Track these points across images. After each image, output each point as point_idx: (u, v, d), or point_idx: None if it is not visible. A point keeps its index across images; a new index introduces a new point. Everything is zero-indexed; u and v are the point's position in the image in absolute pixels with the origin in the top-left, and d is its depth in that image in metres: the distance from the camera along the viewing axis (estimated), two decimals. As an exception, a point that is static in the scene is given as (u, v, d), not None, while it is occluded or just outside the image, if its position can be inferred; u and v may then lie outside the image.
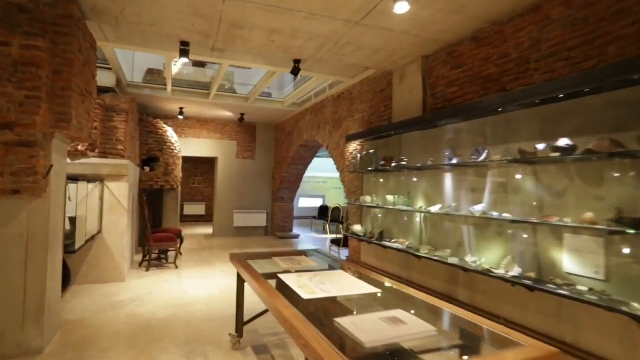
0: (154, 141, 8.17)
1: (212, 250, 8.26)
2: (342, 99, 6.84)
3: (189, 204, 13.75)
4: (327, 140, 7.34)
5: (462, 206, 3.90)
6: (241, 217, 10.42)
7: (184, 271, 6.18)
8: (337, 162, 6.88)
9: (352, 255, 6.22)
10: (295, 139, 9.20)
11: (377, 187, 5.45)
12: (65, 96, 3.08)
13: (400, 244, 4.64)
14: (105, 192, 5.22)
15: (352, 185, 6.25)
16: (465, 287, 3.87)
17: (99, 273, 5.18)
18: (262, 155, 10.81)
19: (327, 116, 7.41)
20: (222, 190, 10.33)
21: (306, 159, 9.80)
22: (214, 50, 5.02)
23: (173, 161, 8.45)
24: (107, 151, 5.29)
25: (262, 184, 10.79)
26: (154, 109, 9.09)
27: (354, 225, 5.87)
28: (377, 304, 2.33)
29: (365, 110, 6.01)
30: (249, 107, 8.72)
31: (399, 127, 4.71)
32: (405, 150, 4.86)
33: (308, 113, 8.46)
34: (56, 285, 3.48)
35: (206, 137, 10.24)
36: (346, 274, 2.91)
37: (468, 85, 4.04)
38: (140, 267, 6.33)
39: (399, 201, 4.80)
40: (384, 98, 5.51)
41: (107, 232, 5.23)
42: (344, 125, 6.67)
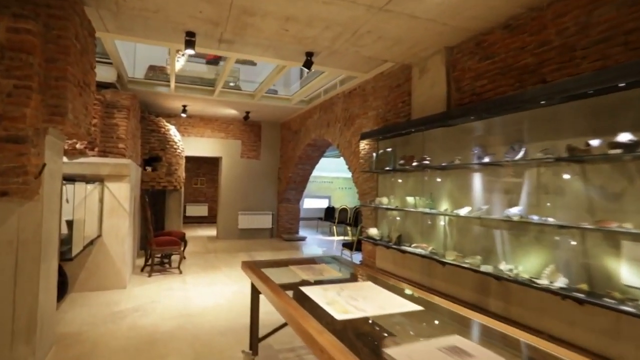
0: (156, 140, 7.84)
1: (216, 253, 7.94)
2: (354, 95, 6.51)
3: (191, 205, 13.43)
4: (338, 138, 7.01)
5: (495, 209, 3.57)
6: (246, 219, 10.10)
7: (189, 277, 5.85)
8: (349, 161, 6.55)
9: (366, 259, 5.89)
10: (303, 138, 8.87)
11: (395, 188, 5.12)
12: (60, 87, 2.76)
13: (423, 249, 4.31)
14: (105, 194, 4.90)
15: (366, 186, 5.92)
16: (498, 297, 3.53)
17: (98, 280, 4.86)
18: (267, 154, 10.49)
19: (338, 114, 7.08)
20: (227, 191, 10.00)
21: (313, 159, 9.48)
22: (222, 42, 4.70)
23: (176, 161, 8.13)
24: (107, 150, 4.97)
25: (267, 184, 10.47)
26: (156, 107, 8.77)
27: (369, 228, 5.53)
28: (426, 327, 2.00)
29: (380, 107, 5.68)
30: (255, 105, 8.40)
31: (420, 123, 4.38)
32: (427, 149, 4.53)
33: (316, 111, 8.13)
34: (50, 298, 3.15)
35: (210, 136, 9.91)
36: (377, 287, 2.57)
37: (500, 77, 3.70)
38: (142, 272, 6.01)
39: (420, 203, 4.47)
40: (401, 93, 5.18)
41: (107, 236, 4.91)
42: (357, 122, 6.34)
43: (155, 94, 7.60)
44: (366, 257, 5.88)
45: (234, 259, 7.40)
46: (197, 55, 9.56)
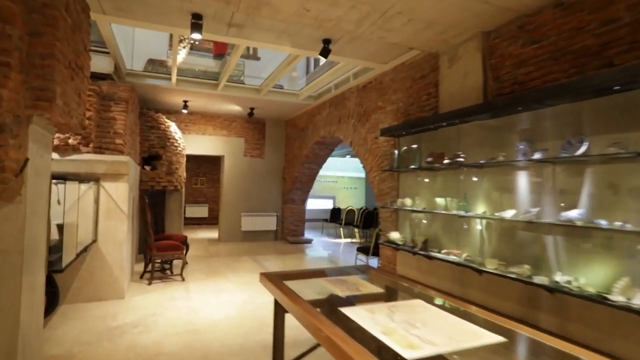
0: (156, 137, 7.37)
1: (220, 257, 7.47)
2: (369, 89, 6.07)
3: (191, 205, 12.95)
4: (351, 135, 6.56)
5: (546, 212, 3.13)
6: (249, 221, 9.63)
7: (192, 284, 5.38)
8: (364, 160, 6.11)
9: (384, 265, 5.45)
10: (310, 136, 8.42)
11: (420, 188, 4.68)
12: (46, 66, 2.29)
13: (456, 256, 3.87)
14: (101, 194, 4.43)
15: (384, 185, 5.48)
16: (551, 312, 3.10)
17: (93, 289, 4.39)
18: (271, 153, 10.03)
19: (350, 109, 6.64)
20: (229, 191, 9.53)
21: (321, 157, 9.03)
22: (231, 27, 4.25)
23: (177, 159, 7.66)
24: (104, 146, 4.50)
25: (271, 184, 10.01)
26: (155, 103, 8.29)
27: (389, 231, 5.10)
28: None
29: (400, 101, 5.25)
30: (261, 101, 7.94)
31: (451, 117, 3.94)
32: (459, 145, 4.09)
33: (326, 106, 7.69)
34: (36, 316, 2.68)
35: (211, 133, 9.44)
36: (431, 307, 2.13)
37: (550, 63, 3.27)
38: (141, 279, 5.53)
39: (452, 205, 4.03)
40: (426, 85, 4.75)
41: (103, 241, 4.44)
42: (373, 118, 5.90)
43: (155, 88, 7.13)
44: (385, 262, 5.44)
45: (239, 263, 6.93)
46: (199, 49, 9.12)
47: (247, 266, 6.72)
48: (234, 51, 5.78)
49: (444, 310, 2.08)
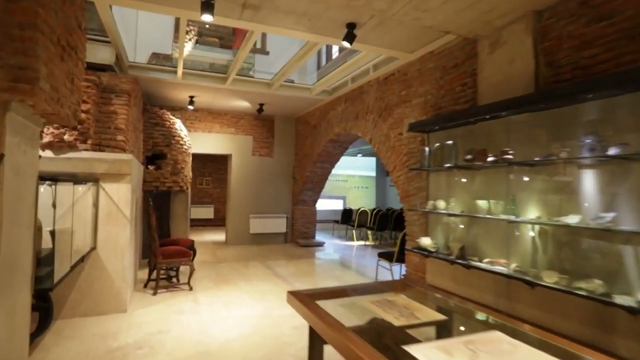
0: (160, 135, 6.92)
1: (228, 262, 7.01)
2: (391, 81, 5.59)
3: (196, 206, 12.52)
4: (370, 132, 6.08)
5: (625, 217, 2.65)
6: (258, 223, 9.17)
7: (201, 294, 4.93)
8: (386, 158, 5.63)
9: (410, 273, 4.97)
10: (323, 133, 7.95)
11: (454, 189, 4.19)
12: (27, 39, 1.84)
13: (503, 266, 3.39)
14: (101, 196, 3.98)
15: (411, 186, 5.00)
16: (632, 337, 2.61)
17: (92, 302, 3.94)
18: (281, 152, 9.56)
19: (369, 104, 6.16)
20: (237, 192, 9.08)
21: (334, 156, 8.56)
22: (246, 8, 3.78)
23: (182, 158, 7.21)
24: (103, 143, 4.05)
25: (281, 184, 9.55)
26: (159, 98, 7.85)
27: (417, 236, 4.62)
28: None
29: (428, 93, 4.77)
30: (271, 96, 7.48)
31: (497, 108, 3.45)
32: (502, 140, 3.61)
33: (341, 102, 7.21)
34: (19, 342, 2.23)
35: (218, 131, 8.99)
36: (517, 342, 1.65)
37: (625, 42, 2.78)
38: (145, 288, 5.08)
39: (496, 208, 3.55)
40: (461, 75, 4.27)
41: (104, 249, 3.99)
42: (396, 113, 5.42)
43: (160, 82, 6.68)
44: (412, 270, 4.96)
45: (249, 269, 6.47)
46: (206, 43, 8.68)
47: (259, 272, 6.26)
48: (245, 41, 5.32)
49: (528, 344, 1.60)
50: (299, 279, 5.90)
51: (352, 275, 6.27)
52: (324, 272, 6.48)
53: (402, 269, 5.63)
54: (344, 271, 6.54)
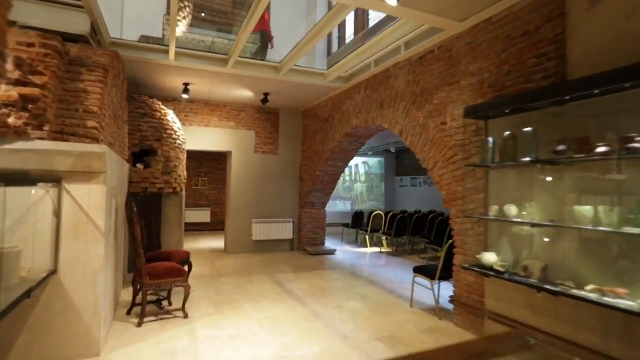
0: (150, 127, 5.90)
1: (230, 277, 5.99)
2: (430, 61, 4.63)
3: (191, 209, 11.47)
4: (400, 122, 5.11)
5: None
6: (262, 229, 8.16)
7: (199, 324, 3.91)
8: (423, 154, 4.66)
9: (462, 296, 4.00)
10: (337, 127, 6.96)
11: (532, 191, 3.22)
12: None
13: (621, 298, 2.43)
14: (65, 203, 2.96)
15: (460, 187, 4.03)
16: None
17: (51, 346, 2.91)
18: (286, 149, 8.56)
19: (399, 89, 5.19)
20: (237, 193, 8.06)
21: (349, 153, 7.57)
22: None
23: (176, 155, 6.20)
24: (68, 130, 3.03)
25: (287, 185, 8.54)
26: (148, 87, 6.82)
27: (475, 249, 3.65)
28: None
29: (485, 71, 3.80)
30: (279, 83, 6.48)
31: (616, 79, 2.48)
32: (606, 124, 2.65)
33: (360, 89, 6.23)
34: None
35: (216, 125, 7.97)
36: None
37: None
38: (129, 315, 4.07)
39: (611, 217, 2.58)
40: (535, 44, 3.30)
41: (68, 273, 2.96)
42: (437, 98, 4.45)
43: (148, 65, 5.66)
44: (462, 292, 3.99)
45: (255, 286, 5.46)
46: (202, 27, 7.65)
47: (267, 290, 5.26)
48: (251, 10, 4.33)
49: None
50: (318, 299, 4.90)
51: (381, 293, 5.28)
52: (345, 289, 5.48)
53: (442, 286, 4.67)
54: (368, 288, 5.54)
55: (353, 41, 7.92)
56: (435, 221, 8.03)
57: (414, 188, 12.48)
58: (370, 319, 4.21)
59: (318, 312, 4.39)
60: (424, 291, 4.90)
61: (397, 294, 5.22)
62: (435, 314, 4.37)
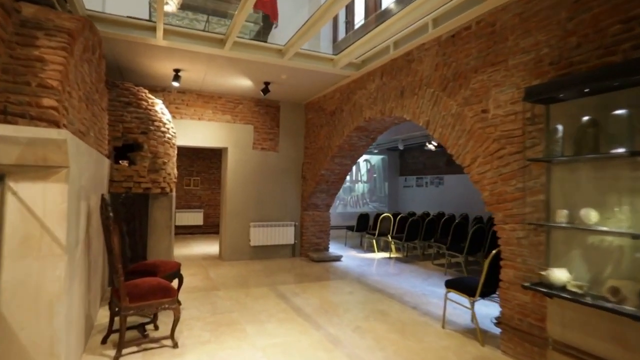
0: (135, 118, 5.12)
1: (228, 290, 5.24)
2: (464, 39, 3.93)
3: (182, 211, 10.68)
4: (427, 112, 4.41)
5: None
6: (261, 233, 7.41)
7: (191, 357, 3.16)
8: (456, 147, 3.96)
9: (510, 317, 3.30)
10: (347, 120, 6.25)
11: (619, 192, 2.53)
12: None
13: None
14: (9, 206, 2.19)
15: (509, 186, 3.34)
16: None
17: (-8, 400, 2.15)
18: (288, 145, 7.82)
19: (425, 74, 4.49)
20: (234, 194, 7.30)
21: (358, 150, 6.85)
22: None
23: (164, 151, 5.43)
24: (13, 109, 2.26)
25: (288, 185, 7.80)
26: (133, 73, 6.04)
27: (548, 268, 2.96)
28: None
29: (544, 45, 3.11)
30: (282, 70, 5.74)
31: None
32: None
33: (375, 77, 5.52)
34: None
35: (211, 118, 7.20)
36: None
37: None
38: (103, 345, 3.30)
39: None
40: (620, 5, 2.62)
41: (12, 302, 2.20)
42: (476, 81, 3.75)
43: (133, 45, 4.89)
44: (513, 313, 3.29)
45: (258, 302, 4.72)
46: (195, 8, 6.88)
47: (270, 307, 4.52)
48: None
49: None
50: (331, 318, 4.18)
51: (403, 309, 4.57)
52: (360, 304, 4.76)
53: (478, 303, 3.97)
54: (387, 302, 4.83)
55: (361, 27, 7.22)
56: (452, 224, 7.35)
57: (420, 188, 11.81)
58: (400, 344, 3.50)
59: (335, 336, 3.66)
60: (452, 306, 4.20)
61: (421, 310, 4.51)
62: (475, 337, 3.67)
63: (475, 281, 3.77)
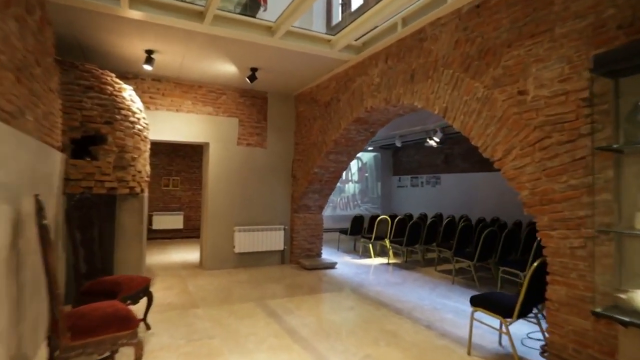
0: (97, 105, 4.32)
1: (208, 307, 4.47)
2: (492, 8, 3.29)
3: (160, 214, 9.81)
4: (445, 97, 3.75)
5: None
6: (246, 238, 6.65)
7: (157, 407, 2.41)
8: (483, 138, 3.31)
9: (562, 346, 2.65)
10: (345, 111, 5.56)
11: None
12: None
13: None
14: None
15: (556, 184, 2.70)
16: None
17: None
18: (277, 140, 7.09)
19: (441, 53, 3.83)
20: (216, 195, 6.52)
21: (356, 145, 6.17)
22: None
23: (134, 144, 4.65)
24: None
25: (276, 184, 7.07)
26: (100, 55, 5.22)
27: (631, 291, 2.32)
28: None
29: (609, 4, 2.48)
30: (271, 53, 5.01)
31: None
32: None
33: (377, 61, 4.85)
34: None
35: (190, 110, 6.41)
36: None
37: None
38: (42, 392, 2.51)
39: None
40: None
41: None
42: (509, 57, 3.11)
43: (95, 16, 4.08)
44: (565, 342, 2.64)
45: (244, 323, 3.97)
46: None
47: (260, 328, 3.78)
48: None
49: None
50: (334, 343, 3.47)
51: (417, 330, 3.90)
52: (365, 323, 4.06)
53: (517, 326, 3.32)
54: (395, 320, 4.15)
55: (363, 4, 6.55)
56: (455, 227, 6.75)
57: (415, 188, 11.22)
58: (422, 381, 2.82)
59: (342, 371, 2.95)
60: (475, 324, 3.55)
61: (436, 330, 3.85)
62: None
63: (507, 298, 3.13)
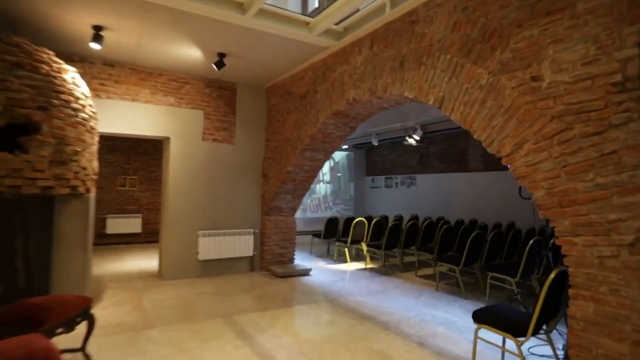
0: (27, 87, 3.55)
1: (165, 327, 3.81)
2: (500, -19, 2.90)
3: (115, 217, 8.89)
4: (441, 85, 3.33)
5: None
6: (211, 243, 5.99)
7: None
8: (487, 131, 2.91)
9: (588, 375, 2.27)
10: (323, 103, 5.06)
11: None
12: None
13: None
14: None
15: (579, 184, 2.32)
16: None
17: None
18: (246, 136, 6.48)
19: (436, 36, 3.42)
20: (177, 195, 5.82)
21: (334, 142, 5.68)
22: None
23: (76, 135, 3.92)
24: None
25: (245, 184, 6.46)
26: (37, 32, 4.41)
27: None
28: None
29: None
30: (241, 35, 4.42)
31: None
32: None
33: (361, 47, 4.39)
34: None
35: (148, 100, 5.67)
36: None
37: None
38: None
39: None
40: None
41: None
42: (521, 38, 2.73)
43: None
44: (592, 369, 2.27)
45: (209, 346, 3.37)
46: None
47: (229, 354, 3.20)
48: None
49: None
50: (316, 370, 2.95)
51: (408, 348, 3.45)
52: (350, 342, 3.57)
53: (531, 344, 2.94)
54: (382, 337, 3.68)
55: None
56: (436, 230, 6.43)
57: (389, 189, 10.91)
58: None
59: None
60: (467, 338, 3.15)
61: (430, 347, 3.42)
62: (522, 395, 2.63)
63: (518, 314, 2.73)
